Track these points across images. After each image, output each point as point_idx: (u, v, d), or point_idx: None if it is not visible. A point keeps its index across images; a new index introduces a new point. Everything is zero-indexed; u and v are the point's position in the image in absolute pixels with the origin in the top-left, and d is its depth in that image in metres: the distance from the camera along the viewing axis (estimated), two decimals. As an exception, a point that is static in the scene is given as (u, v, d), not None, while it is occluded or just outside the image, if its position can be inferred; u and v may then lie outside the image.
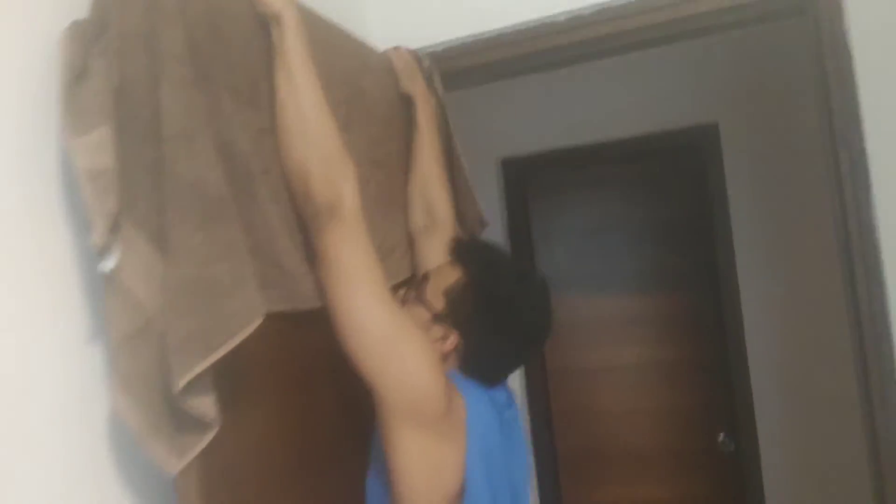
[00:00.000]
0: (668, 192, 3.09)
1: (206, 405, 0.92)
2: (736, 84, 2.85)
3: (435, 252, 1.54)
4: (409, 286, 1.36)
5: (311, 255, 1.16)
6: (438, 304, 1.28)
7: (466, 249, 1.37)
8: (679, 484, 3.07)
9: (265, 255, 1.06)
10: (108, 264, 0.91)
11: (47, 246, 0.97)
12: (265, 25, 1.16)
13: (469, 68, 1.83)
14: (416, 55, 1.70)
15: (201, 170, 0.94)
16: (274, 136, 1.15)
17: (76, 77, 0.94)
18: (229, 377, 0.98)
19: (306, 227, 1.17)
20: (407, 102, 1.64)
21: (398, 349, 1.13)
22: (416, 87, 1.65)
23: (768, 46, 2.63)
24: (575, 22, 1.70)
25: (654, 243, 3.12)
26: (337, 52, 1.40)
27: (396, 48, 1.68)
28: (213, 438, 0.95)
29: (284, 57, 1.14)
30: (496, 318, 1.27)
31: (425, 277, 1.34)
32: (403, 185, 1.60)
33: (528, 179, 3.17)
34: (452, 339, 1.26)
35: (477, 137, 1.70)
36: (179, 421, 0.94)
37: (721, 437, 3.01)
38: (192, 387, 0.90)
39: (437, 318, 1.27)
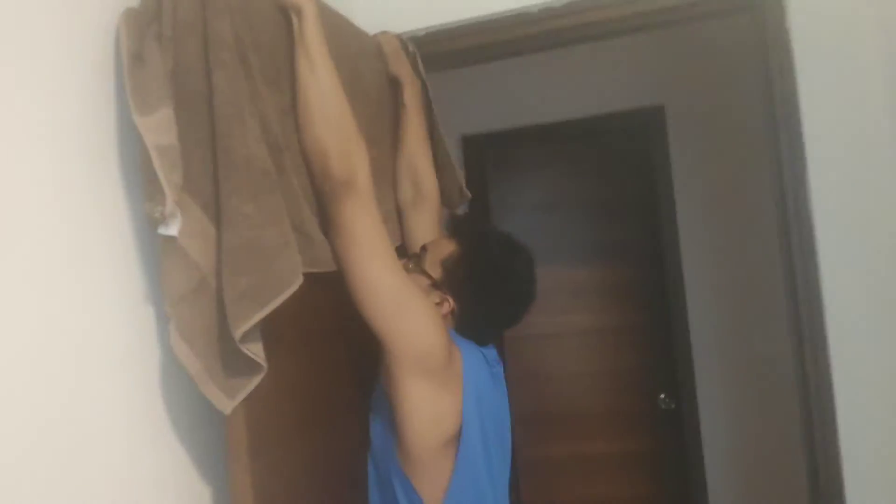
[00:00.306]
0: (618, 170, 3.30)
1: (257, 350, 1.06)
2: (682, 69, 3.05)
3: (422, 222, 1.69)
4: (409, 257, 1.51)
5: (325, 224, 1.30)
6: (436, 272, 1.43)
7: (462, 225, 1.53)
8: (623, 440, 3.31)
9: (294, 223, 1.19)
10: (171, 230, 1.04)
11: (108, 216, 1.08)
12: (287, 16, 1.29)
13: (448, 52, 1.96)
14: (402, 40, 1.83)
15: (251, 146, 1.07)
16: (293, 116, 1.28)
17: (135, 61, 1.06)
18: (267, 331, 1.11)
19: (320, 199, 1.31)
20: (394, 84, 1.78)
21: (406, 308, 1.28)
22: (403, 70, 1.77)
23: (715, 35, 2.80)
24: (547, 13, 1.86)
25: (603, 218, 3.32)
26: (339, 37, 1.52)
27: (384, 33, 1.80)
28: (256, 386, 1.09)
29: (305, 45, 1.27)
30: (487, 286, 1.43)
31: (424, 249, 1.49)
32: (392, 161, 1.73)
33: (487, 156, 3.33)
34: (448, 304, 1.42)
35: (440, 115, 1.86)
36: (231, 366, 1.08)
37: (662, 396, 3.25)
38: (246, 335, 1.04)
39: (435, 285, 1.42)
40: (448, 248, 1.47)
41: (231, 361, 1.07)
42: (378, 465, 1.41)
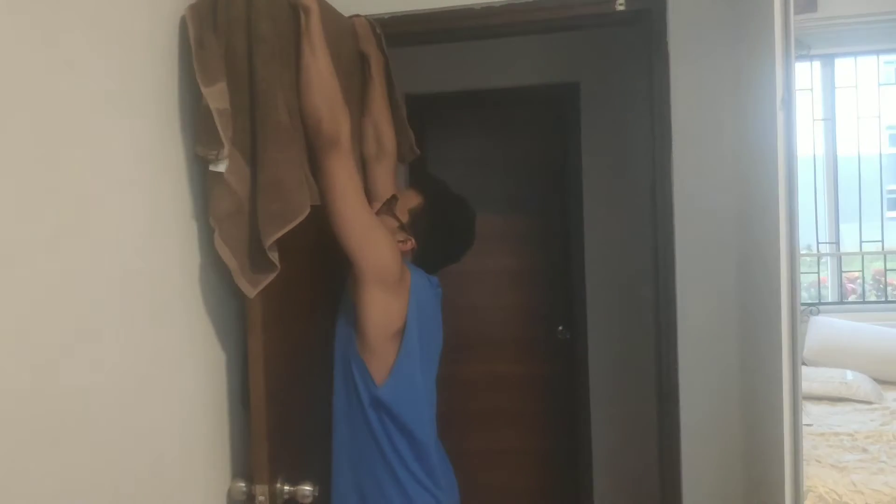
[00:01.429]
0: (536, 135, 3.83)
1: (275, 255, 1.53)
2: (596, 53, 3.58)
3: (382, 173, 2.16)
4: (383, 204, 1.95)
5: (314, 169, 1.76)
6: (403, 217, 1.92)
7: (426, 183, 2.01)
8: (527, 363, 3.91)
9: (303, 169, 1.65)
10: (221, 167, 1.49)
11: (172, 155, 1.52)
12: (297, 12, 1.72)
13: (406, 33, 2.41)
14: (372, 22, 2.25)
15: (279, 112, 1.52)
16: (297, 90, 1.71)
17: (199, 45, 1.49)
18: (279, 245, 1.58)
19: (312, 152, 1.75)
20: (363, 58, 2.21)
21: (371, 236, 1.76)
22: (371, 48, 2.20)
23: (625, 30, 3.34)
24: (487, 11, 2.34)
25: (521, 175, 3.86)
26: (327, 23, 1.95)
27: (357, 16, 2.23)
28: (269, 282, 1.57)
29: (310, 36, 1.69)
30: (442, 232, 1.94)
31: (394, 198, 1.95)
32: (359, 122, 2.18)
33: (426, 115, 3.79)
34: (411, 243, 1.91)
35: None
36: (255, 265, 1.54)
37: (560, 328, 3.86)
38: (271, 245, 1.51)
39: (402, 227, 1.91)
40: (415, 199, 1.95)
41: (255, 262, 1.54)
42: (341, 350, 1.89)
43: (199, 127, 1.50)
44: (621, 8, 2.22)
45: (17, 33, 1.10)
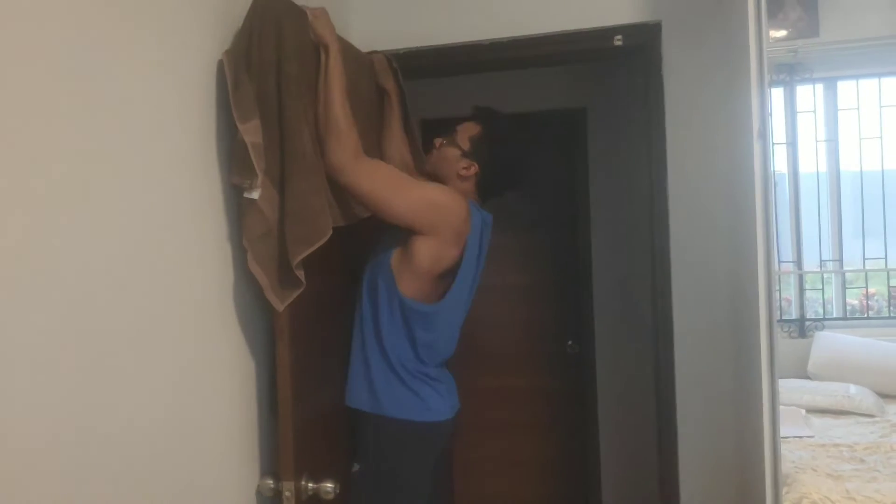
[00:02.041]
0: (546, 158, 3.99)
1: (301, 273, 1.71)
2: (602, 81, 3.76)
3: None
4: (443, 137, 2.16)
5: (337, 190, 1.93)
6: (465, 145, 2.11)
7: (483, 112, 2.20)
8: (537, 376, 4.05)
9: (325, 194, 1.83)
10: (255, 195, 1.67)
11: (210, 184, 1.70)
12: (317, 50, 1.90)
13: (421, 67, 2.60)
14: (389, 57, 2.44)
15: (305, 144, 1.71)
16: (317, 120, 1.89)
17: (235, 85, 1.67)
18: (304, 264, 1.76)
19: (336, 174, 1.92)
20: (382, 91, 2.40)
21: (426, 202, 1.96)
22: (388, 82, 2.39)
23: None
24: (495, 45, 2.52)
25: (532, 194, 4.00)
26: (347, 60, 2.14)
27: (375, 52, 2.42)
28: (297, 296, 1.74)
29: (329, 72, 1.88)
30: (499, 155, 2.12)
31: (454, 130, 2.15)
32: (377, 145, 2.35)
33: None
34: (474, 168, 2.09)
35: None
36: (283, 282, 1.72)
37: (570, 343, 4.01)
38: (297, 264, 1.68)
39: (465, 154, 2.10)
40: (474, 129, 2.14)
41: (284, 279, 1.72)
42: (374, 272, 2.06)
43: (234, 158, 1.69)
44: (619, 43, 2.40)
45: (87, 74, 1.29)
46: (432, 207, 1.98)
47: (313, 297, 1.86)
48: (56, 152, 1.22)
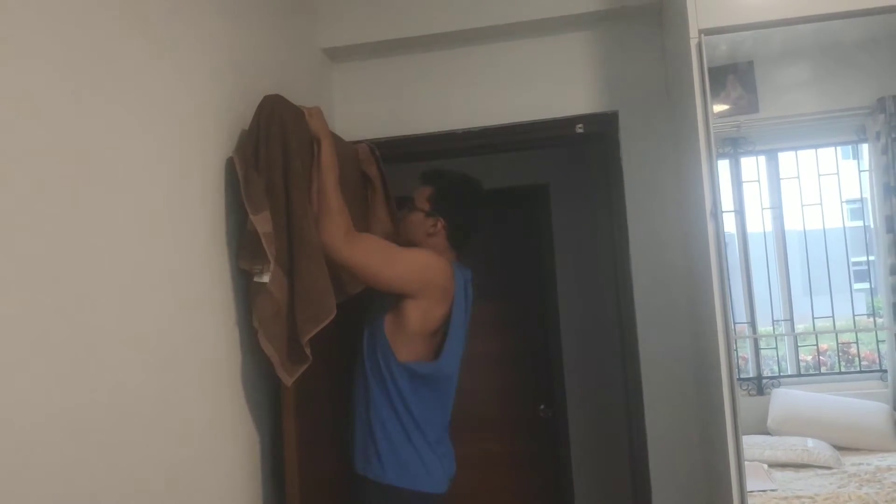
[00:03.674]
0: (511, 231, 4.22)
1: (308, 350, 1.86)
2: (562, 159, 4.03)
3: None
4: (402, 209, 2.34)
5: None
6: (425, 206, 2.27)
7: (429, 174, 2.36)
8: (512, 441, 4.14)
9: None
10: (265, 279, 1.84)
11: (222, 271, 1.87)
12: (312, 144, 2.09)
13: (401, 153, 2.82)
14: (371, 146, 2.65)
15: (311, 230, 1.89)
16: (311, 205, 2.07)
17: (246, 181, 1.86)
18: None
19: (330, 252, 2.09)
20: (365, 177, 2.60)
21: (417, 278, 2.13)
22: (372, 169, 2.59)
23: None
24: (467, 134, 2.76)
25: (500, 265, 4.21)
26: (338, 148, 2.34)
27: (359, 143, 2.63)
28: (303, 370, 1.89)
29: (323, 162, 2.07)
30: (458, 203, 2.29)
31: (411, 199, 2.31)
32: (363, 219, 2.52)
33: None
34: (440, 223, 2.26)
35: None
36: (292, 358, 1.87)
37: (542, 407, 4.15)
38: (308, 341, 1.84)
39: (428, 214, 2.26)
40: (427, 191, 2.31)
41: (292, 355, 1.87)
42: (371, 341, 2.20)
43: (243, 246, 1.86)
44: (580, 131, 2.65)
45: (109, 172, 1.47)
46: (419, 271, 2.15)
47: (314, 371, 2.01)
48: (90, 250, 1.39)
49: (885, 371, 4.32)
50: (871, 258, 4.67)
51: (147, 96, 1.59)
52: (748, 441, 4.19)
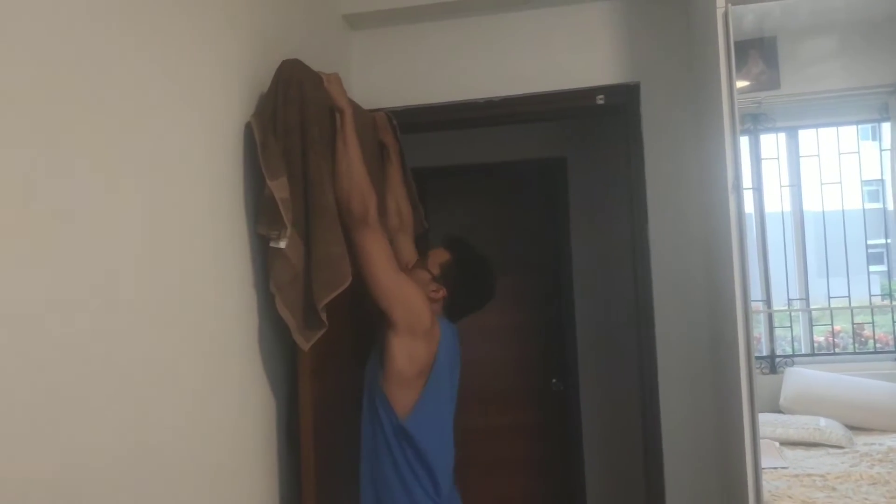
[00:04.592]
0: (528, 203, 4.21)
1: (324, 315, 1.87)
2: (579, 131, 4.00)
3: (405, 242, 2.49)
4: (417, 261, 2.29)
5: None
6: (435, 270, 2.21)
7: (454, 241, 2.31)
8: (525, 413, 4.18)
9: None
10: (282, 244, 1.83)
11: (240, 236, 1.87)
12: (331, 111, 2.08)
13: (418, 122, 2.80)
14: (388, 115, 2.63)
15: (327, 199, 1.88)
16: (332, 176, 2.06)
17: (264, 146, 1.85)
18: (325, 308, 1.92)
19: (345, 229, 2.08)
20: (382, 146, 2.59)
21: (403, 293, 2.05)
22: (388, 138, 2.57)
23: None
24: (488, 104, 2.73)
25: (515, 237, 4.21)
26: (357, 117, 2.33)
27: (377, 111, 2.61)
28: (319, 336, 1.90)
29: (344, 133, 2.06)
30: (468, 284, 2.24)
31: (426, 255, 2.26)
32: (382, 199, 2.53)
33: (429, 184, 4.17)
34: (442, 292, 2.20)
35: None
36: (309, 324, 1.87)
37: (554, 380, 4.17)
38: (323, 307, 1.84)
39: (435, 279, 2.21)
40: (444, 256, 2.25)
41: (309, 321, 1.88)
42: (368, 383, 2.15)
43: (261, 211, 1.85)
44: (601, 102, 2.62)
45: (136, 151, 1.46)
46: (411, 298, 2.06)
47: (331, 338, 2.02)
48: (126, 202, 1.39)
49: (900, 352, 4.30)
50: (889, 241, 4.63)
51: (173, 50, 1.59)
52: (761, 419, 4.19)
